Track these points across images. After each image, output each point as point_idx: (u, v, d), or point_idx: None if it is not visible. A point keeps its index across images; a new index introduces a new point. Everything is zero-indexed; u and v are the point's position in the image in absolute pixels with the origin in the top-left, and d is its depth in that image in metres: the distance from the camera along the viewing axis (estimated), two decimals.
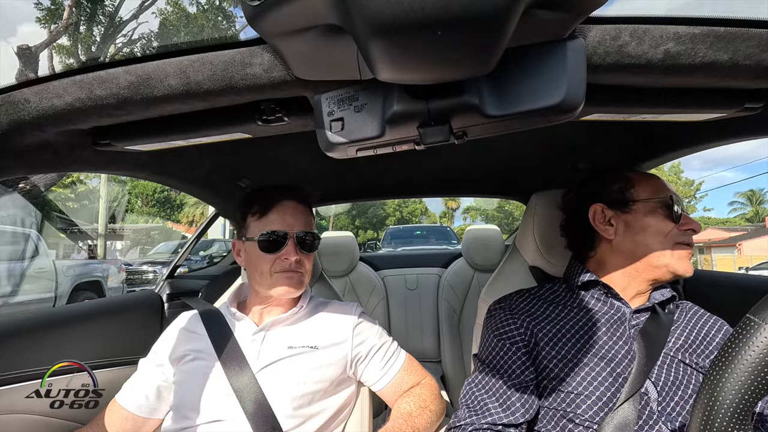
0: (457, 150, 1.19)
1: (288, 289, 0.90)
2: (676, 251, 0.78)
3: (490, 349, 0.84)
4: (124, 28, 12.41)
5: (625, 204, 0.84)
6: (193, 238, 1.85)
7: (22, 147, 0.65)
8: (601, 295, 0.83)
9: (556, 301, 0.86)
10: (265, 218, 0.92)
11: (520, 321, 0.83)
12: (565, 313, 0.83)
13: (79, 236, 15.83)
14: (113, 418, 0.89)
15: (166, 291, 1.50)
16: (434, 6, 0.32)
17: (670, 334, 0.78)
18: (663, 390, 0.71)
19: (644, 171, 0.89)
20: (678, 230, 0.79)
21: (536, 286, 0.94)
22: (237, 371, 0.84)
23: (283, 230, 0.91)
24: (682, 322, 0.81)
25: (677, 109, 0.63)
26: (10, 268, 5.62)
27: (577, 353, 0.76)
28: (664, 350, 0.75)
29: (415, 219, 38.23)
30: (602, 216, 0.87)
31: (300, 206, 0.96)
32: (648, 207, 0.82)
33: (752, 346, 0.37)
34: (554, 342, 0.79)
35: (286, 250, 0.90)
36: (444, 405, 0.95)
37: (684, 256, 0.78)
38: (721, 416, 0.37)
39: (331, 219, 30.70)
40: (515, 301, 0.89)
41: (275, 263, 0.90)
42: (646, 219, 0.81)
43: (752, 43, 0.48)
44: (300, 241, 0.92)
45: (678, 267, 0.78)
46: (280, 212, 0.92)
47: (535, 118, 0.49)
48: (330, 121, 0.55)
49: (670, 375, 0.72)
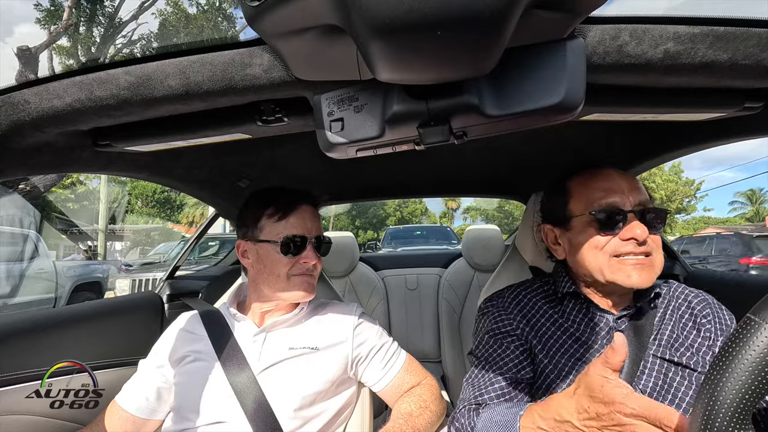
0: (457, 150, 1.19)
1: (305, 294, 0.92)
2: (616, 265, 0.72)
3: (487, 347, 0.83)
4: (123, 28, 12.42)
5: (566, 221, 0.80)
6: (194, 239, 1.85)
7: (22, 148, 0.65)
8: (583, 306, 0.80)
9: (548, 302, 0.84)
10: (285, 221, 0.92)
11: (513, 318, 0.83)
12: (554, 319, 0.81)
13: (79, 237, 15.83)
14: (113, 419, 0.89)
15: (166, 291, 1.50)
16: (434, 6, 0.32)
17: (655, 331, 0.75)
18: (651, 397, 0.68)
19: (580, 178, 0.82)
20: (618, 241, 0.72)
21: (527, 281, 0.91)
22: (237, 372, 0.84)
23: (304, 234, 0.92)
24: (667, 315, 0.77)
25: (677, 108, 0.63)
26: (10, 269, 5.63)
27: (567, 361, 0.75)
28: (652, 351, 0.72)
29: (415, 219, 38.22)
30: (552, 235, 0.85)
31: (316, 211, 0.98)
32: (582, 222, 0.76)
33: (753, 345, 0.37)
34: (544, 346, 0.78)
35: (306, 254, 0.91)
36: (444, 405, 0.95)
37: (628, 270, 0.71)
38: (722, 416, 0.37)
39: (331, 219, 30.68)
40: (507, 298, 0.87)
41: (294, 266, 0.91)
42: (581, 236, 0.76)
43: (752, 42, 0.48)
44: (317, 246, 0.94)
45: (623, 282, 0.71)
46: (300, 216, 0.93)
47: (535, 118, 0.49)
48: (330, 122, 0.55)
49: (659, 380, 0.70)
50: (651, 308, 0.78)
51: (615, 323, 0.77)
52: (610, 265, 0.72)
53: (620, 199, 0.73)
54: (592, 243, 0.74)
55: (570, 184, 0.82)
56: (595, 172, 0.80)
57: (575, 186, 0.80)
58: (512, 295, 0.87)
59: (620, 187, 0.75)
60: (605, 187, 0.75)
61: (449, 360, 1.88)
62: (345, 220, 33.74)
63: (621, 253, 0.72)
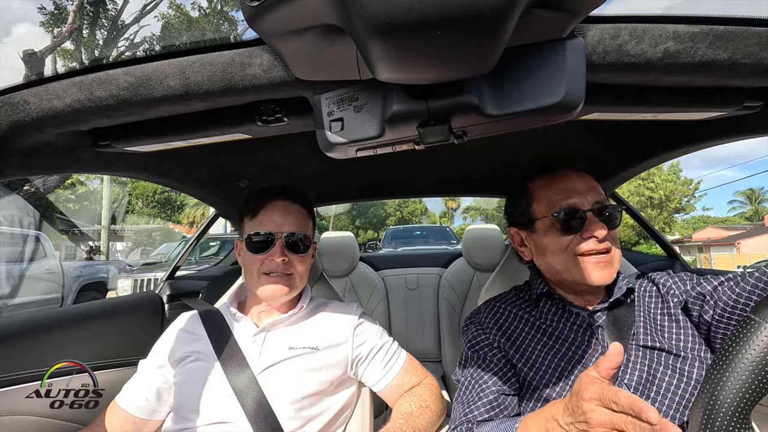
0: (457, 150, 1.19)
1: (274, 291, 0.89)
2: (581, 264, 0.75)
3: (469, 363, 0.83)
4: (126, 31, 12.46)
5: (530, 224, 0.83)
6: (194, 239, 1.85)
7: (22, 148, 0.65)
8: (558, 305, 0.82)
9: (523, 308, 0.86)
10: (255, 219, 0.93)
11: (489, 332, 0.84)
12: (531, 322, 0.82)
13: (81, 237, 15.85)
14: (113, 419, 0.89)
15: (166, 292, 1.50)
16: (433, 6, 0.32)
17: (636, 322, 0.76)
18: (637, 390, 0.69)
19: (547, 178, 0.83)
20: (580, 239, 0.75)
21: (504, 293, 0.93)
22: (237, 372, 0.84)
23: (270, 231, 0.90)
24: (643, 305, 0.78)
25: (677, 107, 0.63)
26: (20, 269, 5.74)
27: (551, 361, 0.76)
28: (633, 342, 0.74)
29: (415, 219, 38.23)
30: (519, 238, 0.87)
31: (292, 206, 0.95)
32: (545, 224, 0.79)
33: (753, 345, 0.37)
34: (524, 353, 0.79)
35: (272, 251, 0.89)
36: (445, 405, 0.95)
37: (590, 268, 0.74)
38: (722, 416, 0.37)
39: (331, 219, 30.70)
40: (483, 313, 0.88)
41: (263, 264, 0.90)
42: (546, 238, 0.79)
43: (751, 41, 0.48)
44: (289, 242, 0.91)
45: (586, 279, 0.74)
46: (268, 213, 0.92)
47: (535, 118, 0.49)
48: (330, 122, 0.55)
49: (643, 372, 0.71)
50: (629, 303, 0.80)
51: (591, 318, 0.78)
52: (575, 264, 0.76)
53: (579, 199, 0.77)
54: (555, 244, 0.78)
55: (531, 186, 0.84)
56: (554, 174, 0.83)
57: (536, 188, 0.83)
58: (488, 309, 0.89)
59: (579, 188, 0.78)
60: (564, 189, 0.79)
61: (449, 360, 1.88)
62: (345, 220, 33.75)
63: (584, 251, 0.75)
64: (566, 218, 0.76)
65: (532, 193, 0.83)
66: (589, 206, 0.76)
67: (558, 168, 0.84)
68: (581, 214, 0.76)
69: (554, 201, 0.79)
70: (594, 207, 0.76)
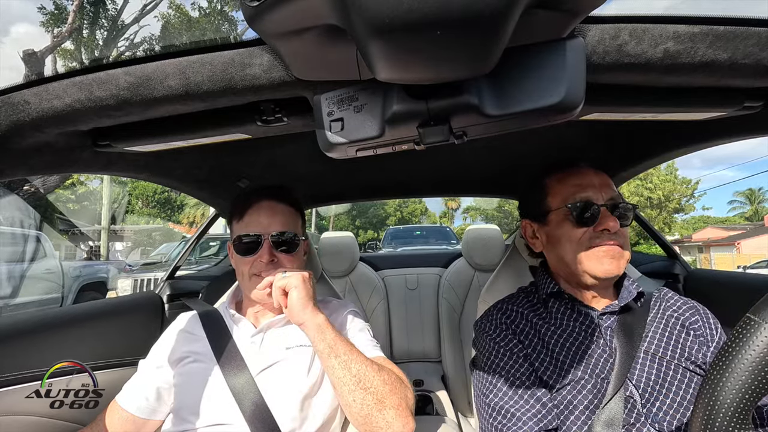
0: (457, 150, 1.19)
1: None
2: (591, 254, 0.76)
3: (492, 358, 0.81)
4: (126, 31, 12.47)
5: (543, 216, 0.84)
6: (194, 239, 1.85)
7: (22, 148, 0.65)
8: (567, 304, 0.82)
9: (533, 310, 0.85)
10: (242, 221, 0.92)
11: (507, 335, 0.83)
12: (540, 324, 0.82)
13: (81, 237, 15.84)
14: (113, 419, 0.89)
15: (166, 292, 1.50)
16: (433, 6, 0.32)
17: (647, 329, 0.76)
18: (646, 391, 0.69)
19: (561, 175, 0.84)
20: (592, 232, 0.77)
21: (512, 295, 0.93)
22: (235, 374, 0.84)
23: (257, 232, 0.89)
24: (657, 316, 0.79)
25: (677, 108, 0.63)
26: (20, 269, 5.75)
27: (562, 363, 0.75)
28: (644, 347, 0.74)
29: (415, 219, 38.23)
30: (530, 230, 0.88)
31: (279, 205, 0.93)
32: (560, 216, 0.80)
33: (752, 345, 0.37)
34: (537, 355, 0.78)
35: (260, 252, 0.88)
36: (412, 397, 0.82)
37: (600, 257, 0.75)
38: (722, 416, 0.37)
39: (331, 219, 30.70)
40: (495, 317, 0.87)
41: (252, 266, 0.89)
42: (559, 229, 0.80)
43: (751, 41, 0.48)
44: (277, 242, 0.90)
45: (595, 270, 0.75)
46: (254, 214, 0.91)
47: (535, 118, 0.49)
48: (330, 122, 0.55)
49: (651, 374, 0.71)
50: (639, 307, 0.80)
51: (600, 319, 0.78)
52: (585, 256, 0.76)
53: (594, 194, 0.78)
54: (568, 235, 0.79)
55: (547, 181, 0.85)
56: (570, 170, 0.84)
57: (552, 183, 0.84)
58: (499, 312, 0.88)
59: (594, 183, 0.79)
60: (580, 183, 0.80)
61: (449, 360, 1.87)
62: (345, 220, 33.75)
63: (595, 244, 0.76)
64: (581, 211, 0.77)
65: (547, 186, 0.84)
66: (603, 201, 0.78)
67: (574, 164, 0.85)
68: (595, 208, 0.77)
69: (569, 194, 0.80)
70: (608, 202, 0.78)
